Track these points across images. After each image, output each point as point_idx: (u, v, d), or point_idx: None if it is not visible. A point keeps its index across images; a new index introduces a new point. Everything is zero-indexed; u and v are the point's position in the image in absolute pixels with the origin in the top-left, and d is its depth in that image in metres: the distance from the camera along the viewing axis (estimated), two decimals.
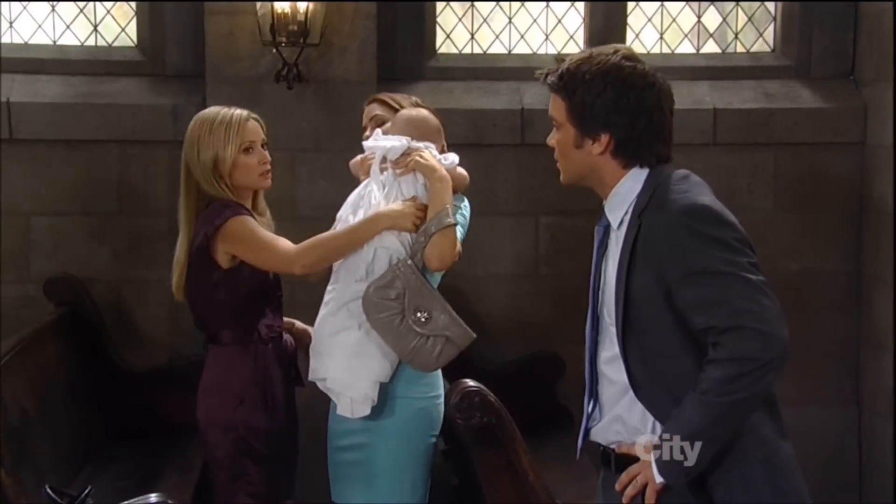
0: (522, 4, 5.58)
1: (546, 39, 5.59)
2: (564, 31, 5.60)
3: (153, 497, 2.85)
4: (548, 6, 5.58)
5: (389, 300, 3.23)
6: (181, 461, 4.58)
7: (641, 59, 2.58)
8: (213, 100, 4.78)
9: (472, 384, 3.47)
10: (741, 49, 5.68)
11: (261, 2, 4.94)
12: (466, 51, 5.60)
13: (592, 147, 2.59)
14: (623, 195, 2.60)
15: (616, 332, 2.56)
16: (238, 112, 3.57)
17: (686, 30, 5.65)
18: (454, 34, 5.58)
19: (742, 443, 2.48)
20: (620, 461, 2.59)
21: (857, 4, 5.48)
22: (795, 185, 5.48)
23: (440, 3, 5.56)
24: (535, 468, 3.51)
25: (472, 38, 5.59)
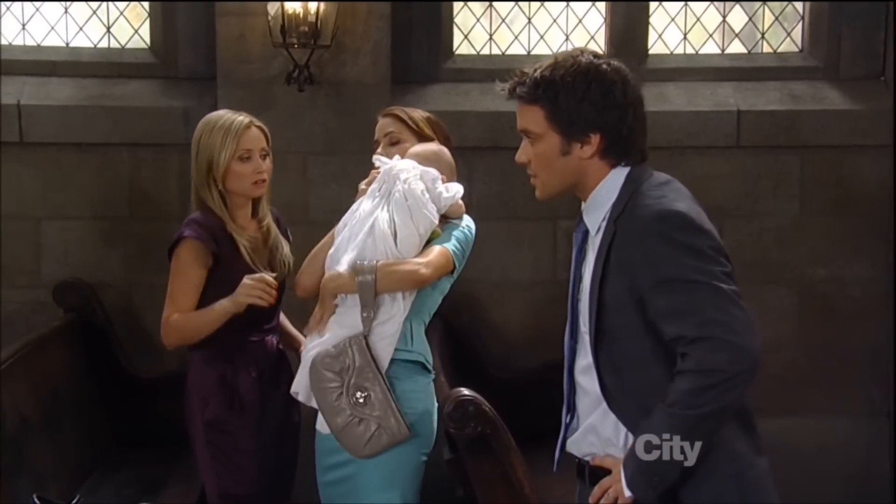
0: (542, 4, 5.47)
1: (566, 40, 5.46)
2: (585, 32, 5.48)
3: None
4: (568, 6, 5.46)
5: (333, 372, 3.15)
6: (187, 469, 4.47)
7: (604, 57, 2.56)
8: (224, 102, 4.72)
9: (467, 393, 3.39)
10: (768, 49, 5.54)
11: (271, 2, 4.86)
12: (484, 52, 5.50)
13: (582, 151, 2.53)
14: (601, 200, 2.54)
15: (589, 341, 2.50)
16: (241, 118, 3.51)
17: (710, 29, 5.52)
18: (472, 35, 5.49)
19: (714, 457, 2.42)
20: (594, 474, 2.55)
21: (889, 3, 5.31)
22: (823, 189, 5.33)
23: (457, 4, 5.47)
24: (531, 480, 3.43)
25: (491, 39, 5.49)
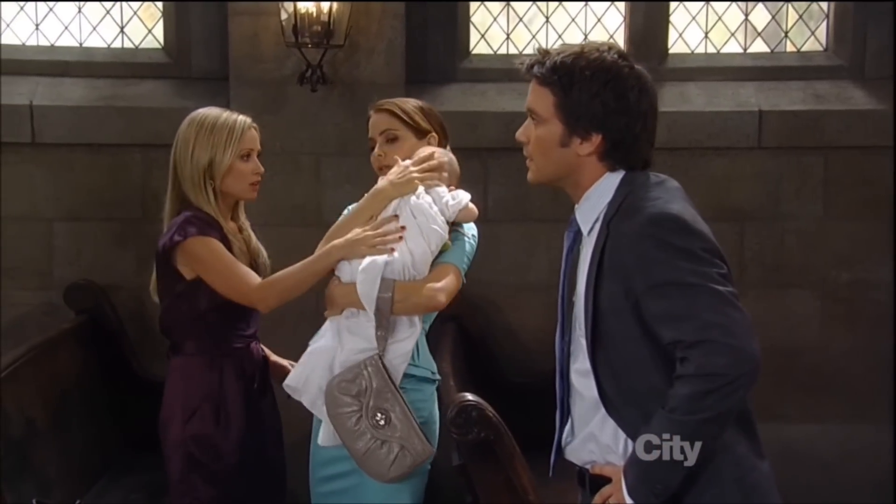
0: (560, 3, 5.39)
1: (585, 39, 5.36)
2: (604, 31, 5.40)
3: None
4: (587, 5, 5.39)
5: (350, 396, 3.04)
6: None
7: (631, 59, 2.45)
8: (237, 103, 4.69)
9: (471, 398, 3.32)
10: (791, 48, 5.43)
11: (284, 1, 4.80)
12: (501, 51, 5.42)
13: (580, 147, 2.45)
14: (595, 201, 2.47)
15: (586, 346, 2.44)
16: (242, 118, 3.49)
17: (732, 28, 5.42)
18: (489, 34, 5.42)
19: (716, 462, 2.36)
20: (595, 482, 2.49)
21: None
22: (847, 191, 5.22)
23: (474, 3, 5.40)
24: (535, 487, 3.36)
25: (508, 39, 5.42)
